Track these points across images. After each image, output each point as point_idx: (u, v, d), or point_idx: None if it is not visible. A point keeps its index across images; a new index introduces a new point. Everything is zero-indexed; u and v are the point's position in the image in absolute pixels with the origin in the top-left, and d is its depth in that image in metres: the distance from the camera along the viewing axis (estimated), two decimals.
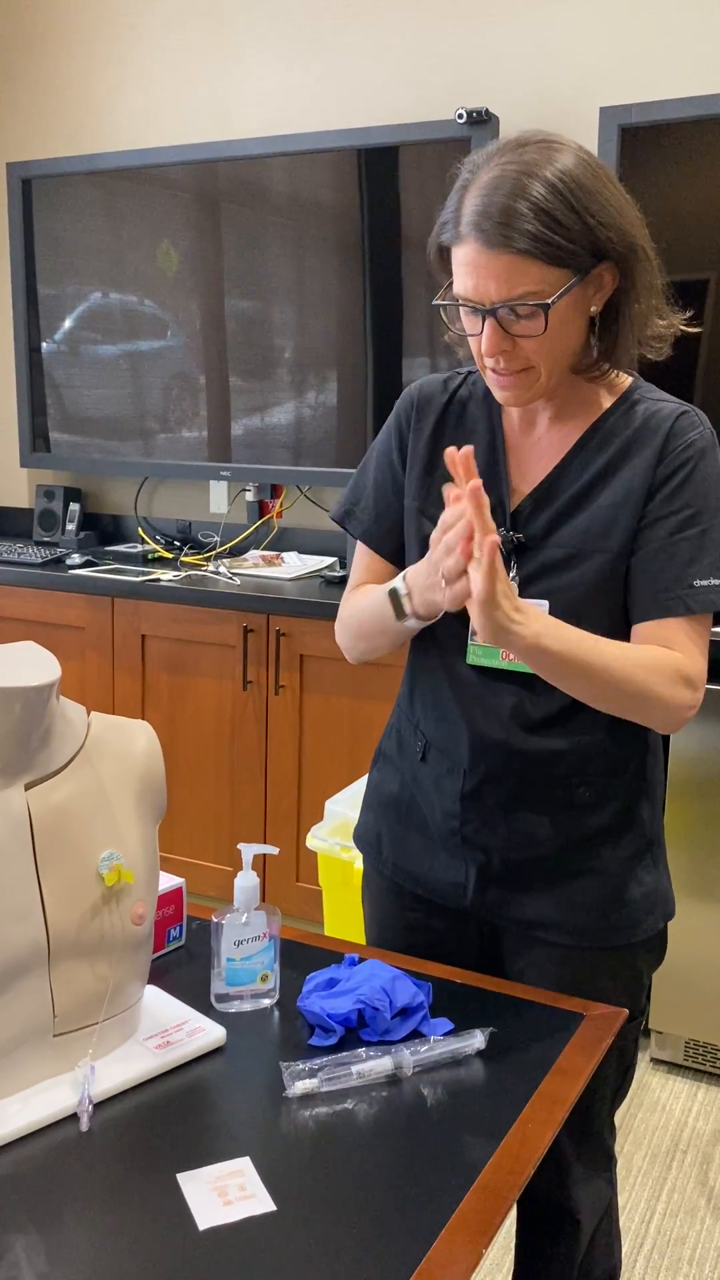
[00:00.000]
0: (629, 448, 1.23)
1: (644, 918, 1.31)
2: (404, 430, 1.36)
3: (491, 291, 1.13)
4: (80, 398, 3.47)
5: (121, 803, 1.09)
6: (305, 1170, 0.95)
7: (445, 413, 1.34)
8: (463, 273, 1.15)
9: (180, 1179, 0.94)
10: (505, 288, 1.12)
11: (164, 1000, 1.18)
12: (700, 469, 1.20)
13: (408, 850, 1.38)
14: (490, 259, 1.11)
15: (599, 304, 1.18)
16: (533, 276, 1.11)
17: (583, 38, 2.83)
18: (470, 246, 1.13)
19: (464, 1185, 0.94)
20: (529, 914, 1.30)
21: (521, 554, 1.26)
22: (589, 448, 1.25)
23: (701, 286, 2.61)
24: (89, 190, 3.33)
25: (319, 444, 3.14)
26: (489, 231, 1.10)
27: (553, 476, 1.26)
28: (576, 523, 1.23)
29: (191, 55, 3.34)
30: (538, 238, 1.10)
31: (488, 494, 1.27)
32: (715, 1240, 1.99)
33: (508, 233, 1.10)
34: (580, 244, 1.12)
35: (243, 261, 3.15)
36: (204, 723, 2.97)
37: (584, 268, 1.14)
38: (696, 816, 2.36)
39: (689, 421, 1.22)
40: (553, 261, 1.11)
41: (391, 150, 2.89)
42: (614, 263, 1.16)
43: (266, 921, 1.18)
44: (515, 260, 1.11)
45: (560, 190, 1.10)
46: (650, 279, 1.20)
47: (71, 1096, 1.02)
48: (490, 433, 1.31)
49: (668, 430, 1.21)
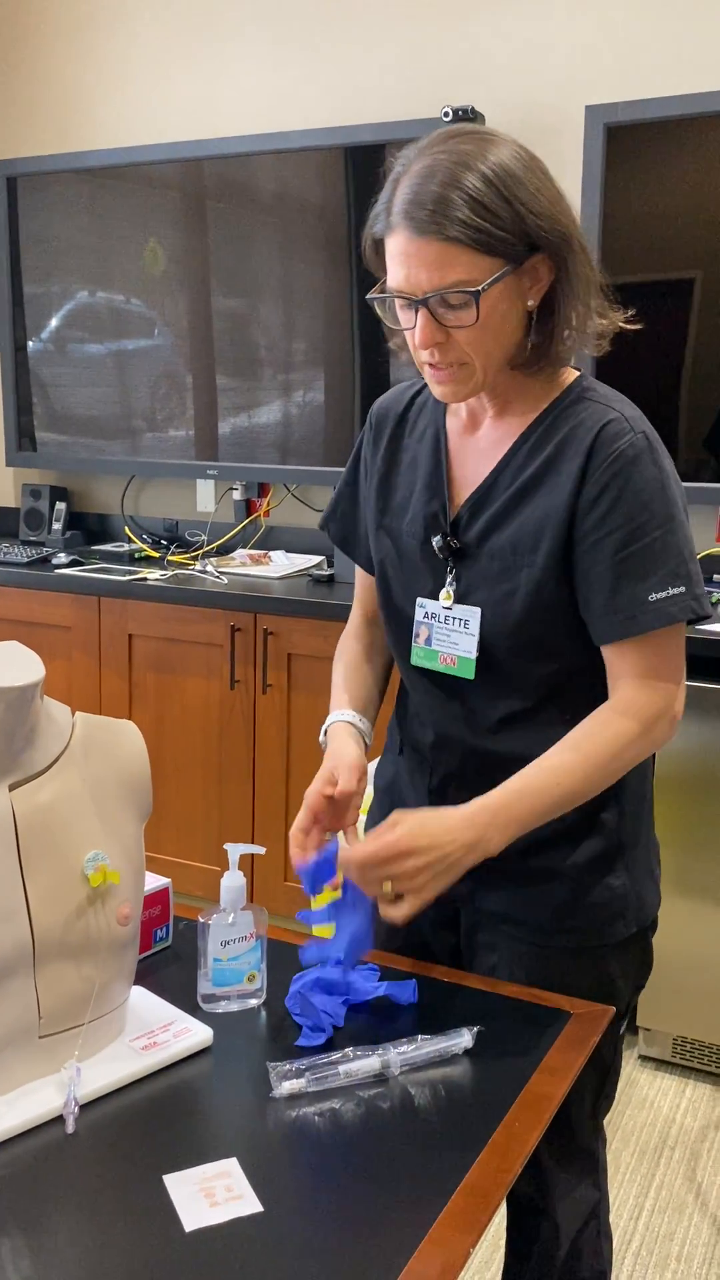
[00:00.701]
0: (559, 453, 1.20)
1: (612, 921, 1.29)
2: (366, 450, 1.39)
3: (423, 280, 1.12)
4: (67, 396, 3.45)
5: (107, 803, 1.09)
6: (292, 1171, 0.95)
7: (401, 423, 1.35)
8: (395, 263, 1.14)
9: (167, 1180, 0.93)
10: (436, 275, 1.11)
11: (150, 1001, 1.17)
12: (633, 480, 1.16)
13: None
14: (421, 246, 1.11)
15: (536, 298, 1.17)
16: (464, 265, 1.10)
17: (568, 36, 2.83)
18: (401, 235, 1.12)
19: (451, 1185, 0.93)
20: (495, 907, 1.31)
21: (459, 561, 1.26)
22: (525, 449, 1.23)
23: (688, 285, 2.61)
24: (75, 188, 3.31)
25: (306, 442, 3.13)
26: (420, 220, 1.10)
27: (489, 481, 1.25)
28: (507, 533, 1.23)
29: (178, 53, 3.33)
30: (469, 224, 1.09)
31: (430, 501, 1.29)
32: (703, 1236, 2.00)
33: (439, 220, 1.09)
34: (512, 232, 1.11)
35: (230, 260, 3.14)
36: (191, 722, 2.96)
37: (517, 257, 1.13)
38: (681, 815, 2.37)
39: (614, 431, 1.18)
40: (484, 249, 1.10)
41: (378, 148, 2.89)
42: (548, 255, 1.15)
43: (253, 921, 1.18)
44: (446, 248, 1.10)
45: (492, 180, 1.10)
46: (586, 273, 1.18)
47: (57, 1098, 1.01)
48: (435, 438, 1.31)
49: (591, 443, 1.18)
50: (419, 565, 1.30)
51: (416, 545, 1.30)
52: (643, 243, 2.64)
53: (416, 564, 1.30)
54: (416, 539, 1.30)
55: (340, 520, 1.45)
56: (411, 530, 1.31)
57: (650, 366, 2.66)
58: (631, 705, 1.20)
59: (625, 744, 1.19)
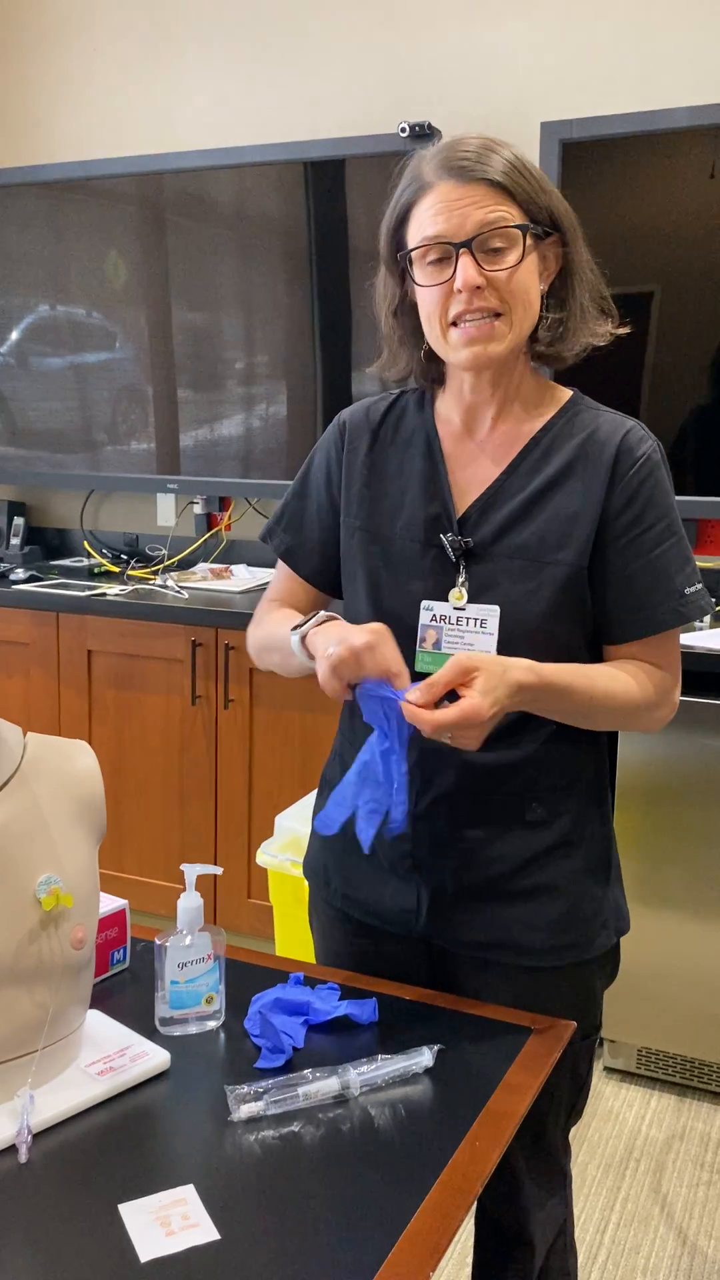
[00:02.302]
0: (576, 459, 1.24)
1: (598, 934, 1.30)
2: (332, 459, 1.36)
3: (468, 221, 1.16)
4: (26, 410, 3.43)
5: (60, 824, 1.07)
6: (250, 1196, 0.93)
7: (380, 429, 1.34)
8: (434, 214, 1.18)
9: (122, 1210, 0.91)
10: (482, 213, 1.16)
11: (107, 1025, 1.16)
12: (659, 481, 1.23)
13: (355, 879, 1.34)
14: (467, 190, 1.16)
15: (546, 281, 1.23)
16: (506, 209, 1.17)
17: (524, 53, 2.85)
18: (445, 185, 1.18)
19: (413, 1205, 0.92)
20: (482, 936, 1.28)
21: (470, 560, 1.25)
22: (534, 454, 1.26)
23: (646, 299, 2.64)
24: (33, 202, 3.29)
25: (268, 456, 3.12)
26: (466, 166, 1.17)
27: (499, 481, 1.26)
28: (529, 530, 1.23)
29: (134, 67, 3.32)
30: (511, 173, 1.17)
31: (429, 503, 1.29)
32: (669, 1248, 2.00)
33: (484, 166, 1.16)
34: (540, 202, 1.19)
35: (190, 273, 3.13)
36: (152, 739, 2.93)
37: (542, 225, 1.20)
38: (645, 825, 2.38)
39: (637, 437, 1.24)
40: (522, 203, 1.18)
41: (338, 163, 2.90)
42: (559, 238, 1.22)
43: (210, 943, 1.16)
44: (491, 190, 1.17)
45: (519, 156, 1.20)
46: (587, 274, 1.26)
47: (10, 1127, 0.99)
48: (426, 442, 1.31)
49: (617, 447, 1.23)
50: (419, 567, 1.27)
51: (417, 547, 1.27)
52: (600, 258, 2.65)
53: (416, 566, 1.27)
54: (416, 541, 1.27)
55: (288, 531, 1.40)
56: (408, 533, 1.28)
57: (610, 380, 2.68)
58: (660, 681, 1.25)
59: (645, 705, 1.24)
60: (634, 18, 2.74)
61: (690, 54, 2.70)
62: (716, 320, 2.59)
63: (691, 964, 2.37)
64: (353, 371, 2.99)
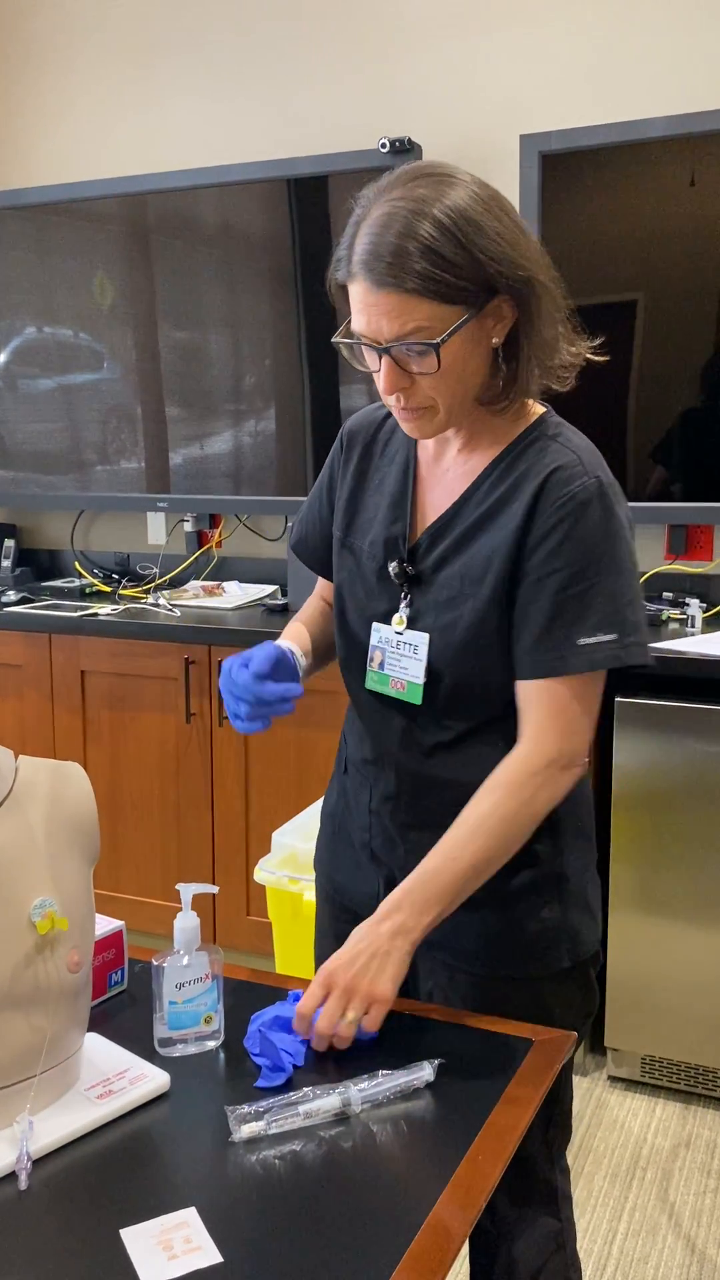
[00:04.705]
0: (513, 490, 1.22)
1: (544, 953, 1.29)
2: (335, 466, 1.40)
3: (384, 329, 1.13)
4: (15, 432, 3.43)
5: (53, 847, 1.07)
6: (253, 1218, 0.93)
7: (372, 442, 1.36)
8: (357, 310, 1.15)
9: (124, 1234, 0.91)
10: (396, 325, 1.12)
11: (105, 1047, 1.15)
12: (582, 523, 1.17)
13: (338, 862, 1.42)
14: (380, 298, 1.12)
15: (500, 335, 1.17)
16: (423, 314, 1.11)
17: (502, 67, 2.87)
18: (361, 285, 1.13)
19: (415, 1224, 0.92)
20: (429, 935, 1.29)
21: (414, 587, 1.28)
22: (488, 482, 1.24)
23: (629, 308, 2.65)
24: (18, 225, 3.30)
25: (258, 472, 3.13)
26: (379, 271, 1.10)
27: (451, 511, 1.26)
28: (459, 562, 1.24)
29: (116, 89, 3.34)
30: (426, 276, 1.09)
31: (393, 524, 1.31)
32: (678, 1258, 1.99)
33: (396, 273, 1.10)
34: (470, 280, 1.11)
35: (176, 293, 3.14)
36: (147, 758, 2.93)
37: (478, 303, 1.13)
38: (642, 832, 2.37)
39: (567, 474, 1.19)
40: (443, 299, 1.11)
41: (320, 180, 2.91)
42: (509, 296, 1.15)
43: (208, 962, 1.16)
44: (405, 299, 1.11)
45: (449, 228, 1.09)
46: (552, 309, 1.19)
47: (9, 1154, 0.99)
48: (405, 462, 1.32)
49: (542, 483, 1.19)
50: (375, 588, 1.31)
51: (375, 568, 1.31)
52: (584, 267, 2.68)
53: (374, 586, 1.31)
54: (376, 561, 1.31)
55: (305, 532, 1.46)
56: (372, 552, 1.32)
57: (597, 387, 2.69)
58: (538, 748, 1.20)
59: (527, 797, 1.20)
60: (610, 30, 2.76)
61: (667, 64, 2.72)
62: (701, 327, 2.60)
63: (693, 970, 2.36)
64: (341, 386, 3.00)
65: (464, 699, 1.25)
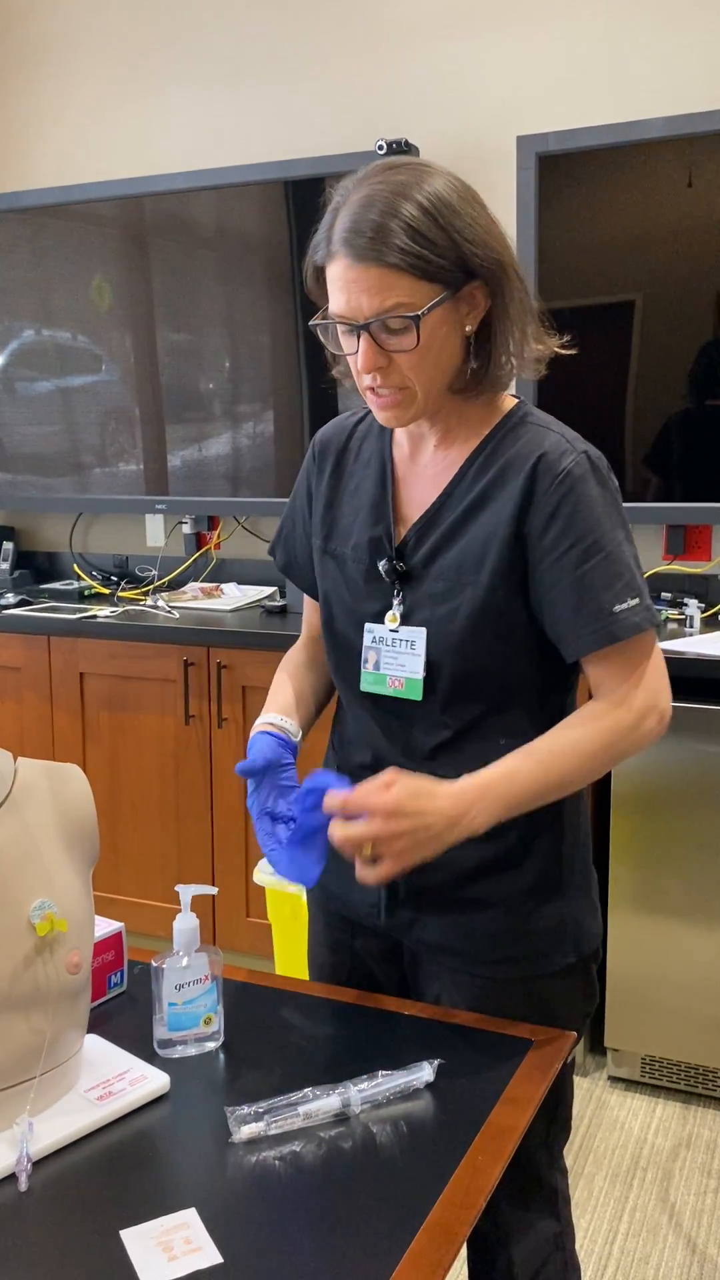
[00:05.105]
0: (497, 479, 1.23)
1: (549, 951, 1.29)
2: (310, 478, 1.41)
3: (364, 305, 1.14)
4: (13, 435, 3.43)
5: (52, 849, 1.07)
6: (253, 1218, 0.93)
7: (345, 450, 1.37)
8: (336, 290, 1.17)
9: (124, 1235, 0.91)
10: (377, 300, 1.14)
11: (105, 1049, 1.15)
12: (583, 497, 1.19)
13: (333, 870, 1.38)
14: (361, 273, 1.13)
15: (473, 323, 1.20)
16: (403, 289, 1.13)
17: (499, 69, 2.88)
18: (342, 262, 1.15)
19: (415, 1224, 0.92)
20: (434, 938, 1.30)
21: (406, 584, 1.28)
22: (471, 473, 1.25)
23: (627, 308, 2.65)
24: (15, 228, 3.30)
25: (256, 474, 3.13)
26: (360, 246, 1.12)
27: (436, 505, 1.27)
28: (452, 553, 1.25)
29: (113, 91, 3.34)
30: (407, 251, 1.12)
31: (374, 526, 1.30)
32: (678, 1258, 1.99)
33: (378, 247, 1.12)
34: (449, 259, 1.14)
35: (174, 295, 3.14)
36: (146, 759, 2.93)
37: (454, 284, 1.16)
38: (642, 832, 2.38)
39: (558, 452, 1.21)
40: (422, 275, 1.13)
41: (317, 181, 2.91)
42: (484, 282, 1.18)
43: (208, 964, 1.16)
44: (385, 273, 1.13)
45: (428, 209, 1.13)
46: (521, 299, 1.21)
47: (9, 1155, 0.99)
48: (380, 464, 1.33)
49: (534, 465, 1.20)
50: (363, 590, 1.31)
51: (361, 570, 1.31)
52: (581, 268, 2.68)
53: (361, 589, 1.31)
54: (362, 564, 1.31)
55: (285, 547, 1.47)
56: (356, 555, 1.32)
57: (595, 388, 2.70)
58: (622, 700, 1.22)
59: (618, 735, 1.21)
60: (607, 30, 2.76)
61: (664, 65, 2.72)
62: (698, 327, 2.60)
63: (693, 970, 2.36)
64: (338, 387, 3.00)
65: (464, 690, 1.25)
